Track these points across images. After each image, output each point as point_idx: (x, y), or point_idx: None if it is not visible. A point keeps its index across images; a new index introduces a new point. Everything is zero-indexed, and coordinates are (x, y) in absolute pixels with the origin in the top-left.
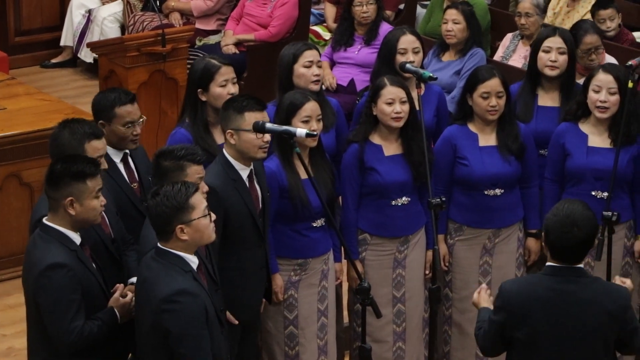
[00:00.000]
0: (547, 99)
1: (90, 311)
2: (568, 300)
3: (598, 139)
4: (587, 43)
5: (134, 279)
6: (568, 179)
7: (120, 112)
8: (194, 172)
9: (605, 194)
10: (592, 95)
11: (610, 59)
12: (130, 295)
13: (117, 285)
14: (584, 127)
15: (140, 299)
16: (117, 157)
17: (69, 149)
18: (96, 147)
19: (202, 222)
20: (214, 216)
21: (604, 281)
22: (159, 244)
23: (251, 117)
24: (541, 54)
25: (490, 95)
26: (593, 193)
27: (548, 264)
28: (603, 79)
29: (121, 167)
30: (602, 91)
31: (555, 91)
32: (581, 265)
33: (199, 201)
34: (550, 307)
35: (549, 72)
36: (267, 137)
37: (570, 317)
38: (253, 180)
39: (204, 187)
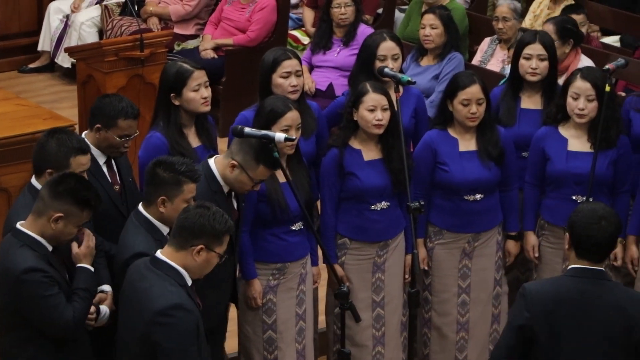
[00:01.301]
0: (530, 102)
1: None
2: (592, 303)
3: (578, 143)
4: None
5: (104, 287)
6: (548, 183)
7: (122, 124)
8: (189, 190)
9: (586, 198)
10: (570, 101)
11: (585, 60)
12: (106, 308)
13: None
14: (564, 130)
15: (130, 308)
16: (101, 159)
17: (54, 160)
18: (81, 162)
19: (215, 259)
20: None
21: (625, 287)
22: (159, 253)
23: (262, 173)
24: (522, 61)
25: (470, 103)
26: (574, 197)
27: (572, 266)
28: (581, 86)
29: (104, 168)
30: (581, 99)
31: (537, 94)
32: (603, 269)
33: (226, 242)
34: (574, 308)
35: (530, 78)
36: (258, 187)
37: (593, 320)
38: (231, 193)
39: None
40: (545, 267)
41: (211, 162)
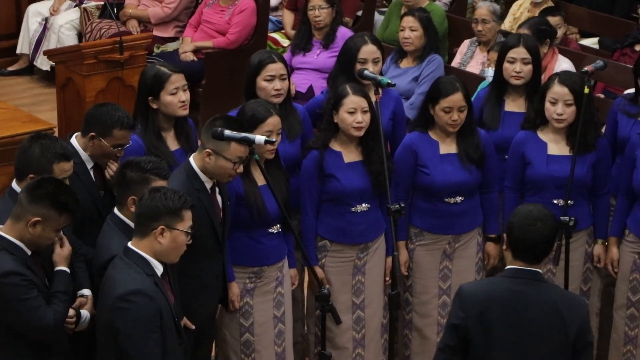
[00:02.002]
0: (514, 105)
1: None
2: (525, 302)
3: (557, 147)
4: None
5: (84, 291)
6: (528, 187)
7: (118, 134)
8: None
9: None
10: (548, 107)
11: (563, 61)
12: (86, 312)
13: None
14: (543, 135)
15: (100, 296)
16: (89, 164)
17: (37, 165)
18: (64, 169)
19: (181, 236)
20: (190, 240)
21: (562, 289)
22: (130, 244)
23: (237, 150)
24: (506, 65)
25: (452, 110)
26: (554, 201)
27: (508, 266)
28: (559, 91)
29: (92, 173)
30: (559, 104)
31: (521, 97)
32: (539, 270)
33: (189, 218)
34: (506, 308)
35: (514, 81)
36: (241, 168)
37: (526, 319)
38: (215, 190)
39: None
40: None
41: (191, 159)
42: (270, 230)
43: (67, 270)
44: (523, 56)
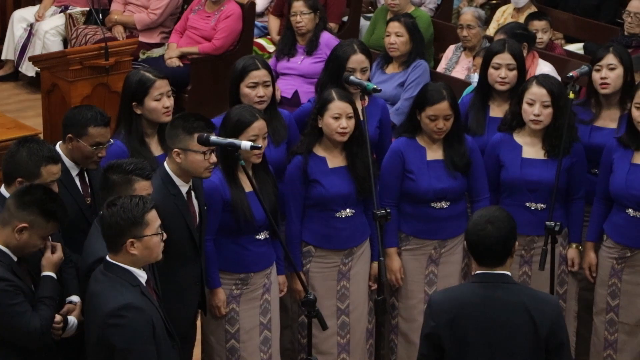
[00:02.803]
0: (499, 111)
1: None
2: (493, 305)
3: (532, 150)
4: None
5: (72, 298)
6: (502, 190)
7: (93, 132)
8: (142, 187)
9: (540, 205)
10: (526, 108)
11: (544, 65)
12: (74, 319)
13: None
14: (519, 137)
15: (88, 312)
16: (74, 171)
17: (25, 169)
18: (52, 172)
19: (153, 239)
20: (165, 235)
21: (532, 289)
22: (108, 257)
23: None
24: (491, 70)
25: (437, 118)
26: (527, 204)
27: (475, 272)
28: (537, 92)
29: (77, 180)
30: (536, 105)
31: (505, 102)
32: (507, 272)
33: (154, 218)
34: (476, 313)
35: (499, 87)
36: (214, 158)
37: (496, 322)
38: (191, 196)
39: None
40: None
41: (165, 165)
42: (257, 236)
43: (54, 275)
44: (508, 62)
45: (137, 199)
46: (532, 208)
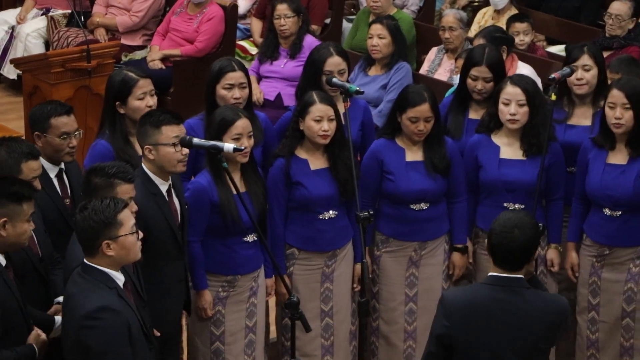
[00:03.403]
0: (477, 113)
1: (8, 333)
2: (508, 310)
3: (510, 150)
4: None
5: (60, 298)
6: (482, 191)
7: (56, 123)
8: (124, 190)
9: (518, 205)
10: (502, 108)
11: (523, 67)
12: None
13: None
14: (497, 138)
15: (65, 315)
16: (52, 172)
17: (5, 168)
18: (32, 168)
19: (129, 239)
20: (141, 234)
21: (543, 292)
22: (85, 260)
23: (168, 131)
24: (469, 81)
25: (418, 120)
26: (505, 204)
27: (490, 273)
28: (511, 91)
29: (56, 182)
30: (512, 104)
31: (484, 105)
32: (521, 276)
33: (127, 218)
34: (488, 316)
35: (476, 97)
36: (186, 150)
37: (508, 327)
38: (172, 194)
39: (134, 207)
40: (482, 274)
41: (142, 165)
42: (245, 239)
43: (35, 348)
44: (485, 75)
45: (108, 200)
46: (510, 208)
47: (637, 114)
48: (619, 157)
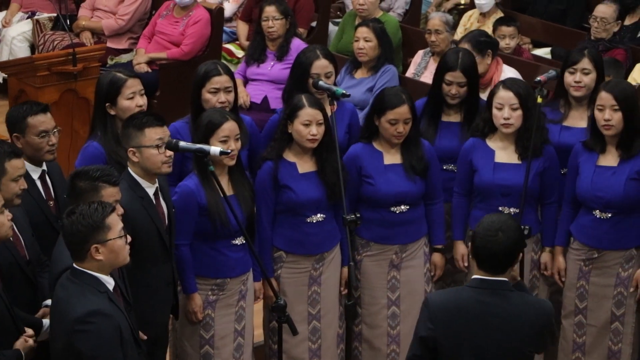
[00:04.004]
0: (449, 116)
1: None
2: (492, 313)
3: (505, 155)
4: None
5: (48, 302)
6: (476, 195)
7: (33, 122)
8: (110, 194)
9: (512, 209)
10: (495, 112)
11: (508, 70)
12: (48, 322)
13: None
14: (491, 142)
15: (54, 319)
16: (35, 174)
17: None
18: (16, 166)
19: (117, 242)
20: (129, 238)
21: (528, 295)
22: (74, 265)
23: (152, 133)
24: (444, 86)
25: (398, 122)
26: (500, 209)
27: (474, 276)
28: (504, 95)
29: (39, 183)
30: (505, 108)
31: (456, 108)
32: (505, 279)
33: (115, 222)
34: (473, 319)
35: (451, 101)
36: (170, 151)
37: (493, 330)
38: (159, 197)
39: (119, 210)
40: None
41: (128, 168)
42: (233, 242)
43: (22, 354)
44: (459, 80)
45: (95, 205)
46: (505, 212)
47: (627, 116)
48: (609, 159)
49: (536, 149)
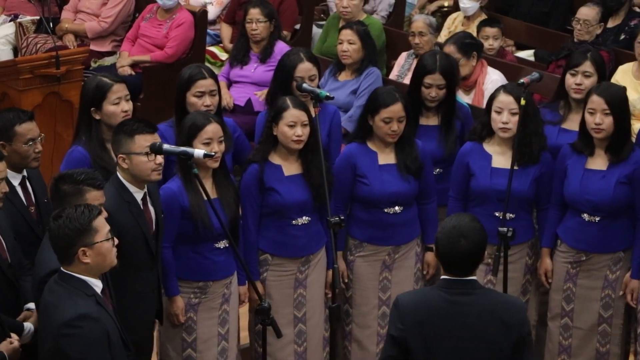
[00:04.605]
0: (427, 119)
1: None
2: (462, 312)
3: (502, 160)
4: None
5: (30, 305)
6: (472, 199)
7: (21, 130)
8: (94, 197)
9: (509, 214)
10: (494, 116)
11: (493, 73)
12: (30, 325)
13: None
14: (489, 147)
15: (42, 322)
16: (15, 180)
17: None
18: None
19: (104, 245)
20: (116, 241)
21: (499, 292)
22: (62, 268)
23: (142, 140)
24: (423, 89)
25: (392, 121)
26: (496, 214)
27: (442, 277)
28: (504, 100)
29: (19, 190)
30: (504, 112)
31: (434, 111)
32: (474, 278)
33: (102, 224)
34: (444, 319)
35: (429, 104)
36: (160, 159)
37: (464, 329)
38: (147, 203)
39: (104, 213)
40: None
41: (117, 173)
42: (216, 245)
43: (5, 356)
44: (438, 82)
45: (82, 208)
46: (501, 218)
47: (617, 120)
48: (598, 162)
49: (533, 155)
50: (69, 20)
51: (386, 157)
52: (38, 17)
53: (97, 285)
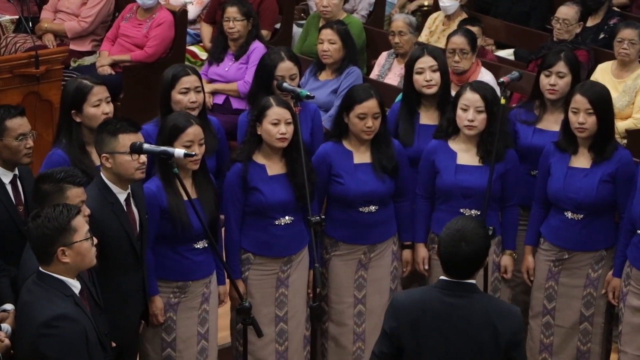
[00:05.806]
0: (428, 118)
1: None
2: (456, 314)
3: (467, 157)
4: (453, 42)
5: (6, 306)
6: (438, 196)
7: (12, 125)
8: (75, 194)
9: (474, 211)
10: (460, 113)
11: (486, 74)
12: (7, 326)
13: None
14: (454, 144)
15: (19, 322)
16: (6, 178)
17: None
18: None
19: (83, 245)
20: (95, 240)
21: (496, 299)
22: (40, 268)
23: (125, 139)
24: (416, 76)
25: (366, 117)
26: (462, 210)
27: (441, 277)
28: (470, 97)
29: (9, 188)
30: (470, 110)
31: (433, 107)
32: (473, 281)
33: (81, 224)
34: (438, 320)
35: (427, 91)
36: (143, 158)
37: (457, 331)
38: (130, 204)
39: (86, 210)
40: (436, 279)
41: (101, 173)
42: (195, 245)
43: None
44: (430, 64)
45: (60, 207)
46: (467, 214)
47: (601, 119)
48: (582, 160)
49: (499, 153)
50: (49, 20)
51: (361, 156)
52: (17, 17)
53: (75, 285)
